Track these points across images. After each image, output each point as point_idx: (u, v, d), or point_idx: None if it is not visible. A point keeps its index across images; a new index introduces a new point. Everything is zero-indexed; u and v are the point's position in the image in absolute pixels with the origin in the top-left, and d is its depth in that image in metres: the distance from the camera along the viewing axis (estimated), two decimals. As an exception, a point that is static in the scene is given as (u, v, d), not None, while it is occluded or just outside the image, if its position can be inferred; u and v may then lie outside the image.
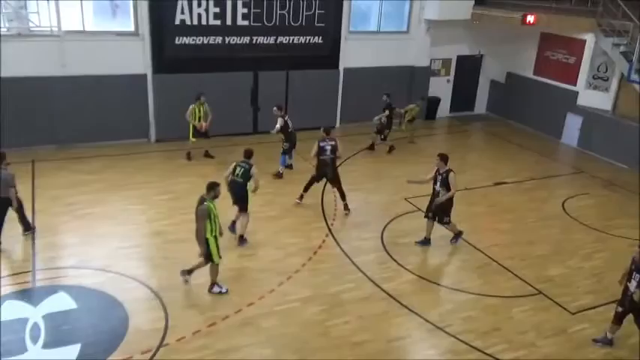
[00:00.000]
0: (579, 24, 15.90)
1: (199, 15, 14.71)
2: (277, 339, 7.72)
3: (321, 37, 16.36)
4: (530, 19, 15.90)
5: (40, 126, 13.61)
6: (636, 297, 7.39)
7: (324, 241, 10.37)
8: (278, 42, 15.84)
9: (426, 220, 10.32)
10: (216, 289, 8.53)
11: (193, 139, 13.78)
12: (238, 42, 15.37)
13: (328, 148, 11.29)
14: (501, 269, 9.79)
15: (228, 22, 15.09)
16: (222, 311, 8.13)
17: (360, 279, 9.24)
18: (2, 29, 12.84)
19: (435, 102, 18.80)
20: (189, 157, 13.99)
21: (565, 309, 8.72)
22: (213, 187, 8.16)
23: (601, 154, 15.69)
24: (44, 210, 10.72)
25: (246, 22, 15.28)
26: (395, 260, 9.84)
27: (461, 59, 18.95)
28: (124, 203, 11.38)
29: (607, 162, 15.35)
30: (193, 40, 14.86)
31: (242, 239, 10.02)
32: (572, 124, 16.66)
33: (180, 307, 8.18)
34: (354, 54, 16.86)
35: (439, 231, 10.96)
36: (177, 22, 14.53)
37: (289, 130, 13.38)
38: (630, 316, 7.73)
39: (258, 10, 15.28)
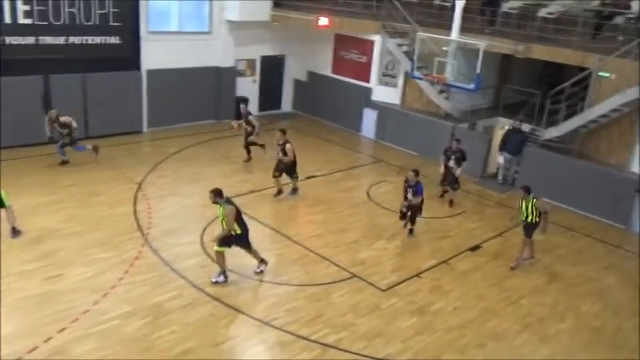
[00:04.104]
0: (367, 26, 17.36)
1: (-32, 12, 12.94)
2: (95, 362, 7.17)
3: (118, 37, 15.45)
4: (324, 21, 16.96)
5: None
6: (414, 201, 10.99)
7: (140, 251, 9.86)
8: (69, 42, 14.60)
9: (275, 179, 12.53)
10: None
11: None
12: (22, 42, 13.83)
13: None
14: (318, 258, 10.31)
15: (7, 19, 13.48)
16: (29, 342, 7.29)
17: (182, 286, 8.99)
18: None
19: (243, 102, 18.98)
20: None
21: (377, 287, 9.51)
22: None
23: (394, 143, 17.35)
24: None
25: (29, 21, 13.81)
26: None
27: (265, 59, 19.42)
28: None
29: (399, 150, 17.04)
30: (-37, 40, 13.03)
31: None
32: (369, 118, 18.15)
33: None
34: (156, 55, 16.25)
35: (259, 228, 11.24)
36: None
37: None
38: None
39: (43, 8, 13.91)
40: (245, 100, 14.78)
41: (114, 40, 15.40)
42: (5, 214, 9.90)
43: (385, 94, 17.80)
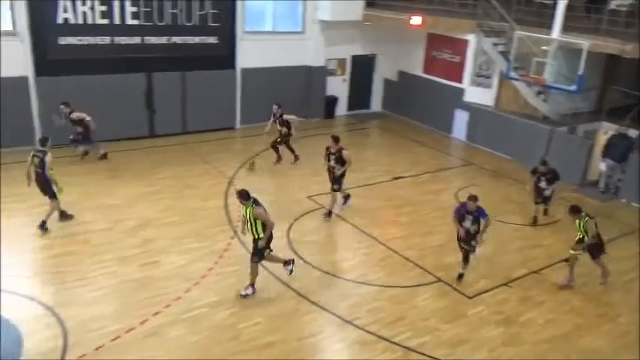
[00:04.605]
0: (462, 25, 16.91)
1: (84, 13, 13.97)
2: (186, 347, 7.52)
3: (216, 37, 16.11)
4: (417, 20, 16.72)
5: None
6: (472, 230, 9.32)
7: (229, 243, 10.23)
8: (171, 42, 15.41)
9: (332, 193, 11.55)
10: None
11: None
12: (129, 42, 14.77)
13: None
14: (403, 260, 10.19)
15: (117, 21, 14.46)
16: (126, 323, 7.78)
17: (268, 279, 9.22)
18: None
19: (332, 101, 19.17)
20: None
21: (463, 294, 9.26)
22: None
23: (486, 146, 16.79)
24: None
25: (136, 22, 14.72)
26: (302, 258, 9.92)
27: (355, 59, 19.45)
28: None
29: (492, 154, 16.47)
30: (79, 40, 14.09)
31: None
32: (460, 120, 17.70)
33: (79, 322, 7.71)
34: (250, 54, 16.77)
35: (344, 227, 11.27)
36: (59, 21, 13.70)
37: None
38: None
39: (149, 9, 14.78)
40: (279, 103, 14.04)
41: (212, 39, 16.06)
42: (49, 205, 10.22)
43: (478, 94, 17.27)
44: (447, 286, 9.42)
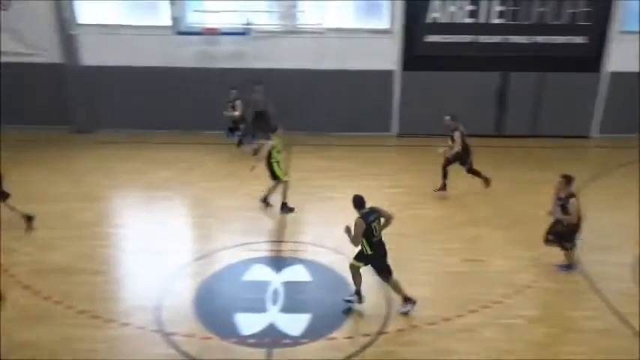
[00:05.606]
0: None
1: (452, 13, 14.66)
2: (495, 352, 7.36)
3: (584, 37, 14.85)
4: None
5: (296, 114, 14.75)
6: None
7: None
8: (532, 41, 14.90)
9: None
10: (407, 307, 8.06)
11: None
12: (489, 41, 14.90)
13: None
14: None
15: (482, 20, 14.72)
16: (443, 312, 8.05)
17: (601, 308, 8.24)
18: (274, 26, 14.79)
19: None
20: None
21: None
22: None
23: None
24: (294, 189, 11.75)
25: (500, 21, 14.72)
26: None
27: None
28: (357, 192, 11.88)
29: None
30: (443, 38, 14.86)
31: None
32: None
33: (401, 301, 8.29)
34: (623, 57, 14.89)
35: None
36: (428, 20, 14.70)
37: None
38: None
39: (516, 8, 14.58)
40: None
41: (579, 39, 14.87)
42: (280, 188, 11.04)
43: None
44: None
